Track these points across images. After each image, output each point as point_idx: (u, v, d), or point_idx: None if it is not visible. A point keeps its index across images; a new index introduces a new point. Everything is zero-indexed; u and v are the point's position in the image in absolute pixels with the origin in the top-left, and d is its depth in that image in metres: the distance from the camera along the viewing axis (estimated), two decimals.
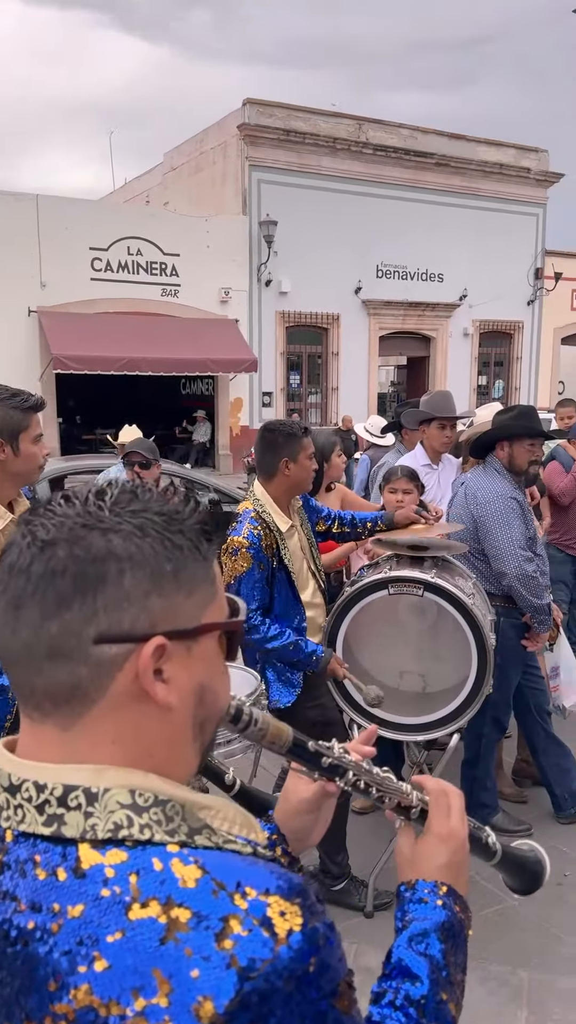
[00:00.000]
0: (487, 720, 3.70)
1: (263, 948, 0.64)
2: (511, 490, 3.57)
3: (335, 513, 3.42)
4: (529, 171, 21.81)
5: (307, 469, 3.19)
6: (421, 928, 0.92)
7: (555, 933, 3.10)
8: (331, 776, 0.99)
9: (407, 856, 1.01)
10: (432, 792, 1.04)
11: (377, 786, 1.00)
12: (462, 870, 1.01)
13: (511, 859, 1.16)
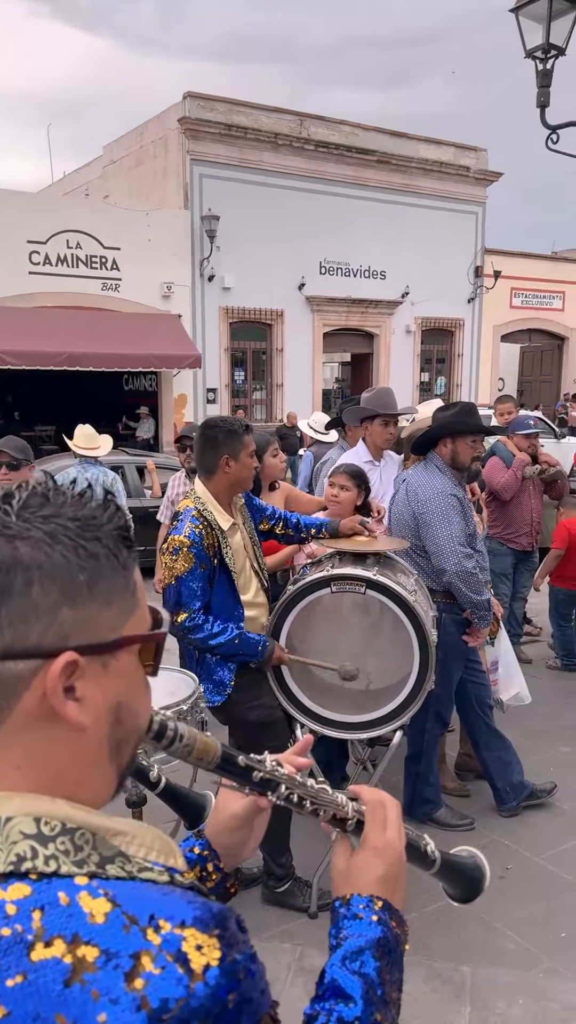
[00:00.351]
0: (430, 715, 3.71)
1: (177, 986, 0.59)
2: (451, 487, 3.58)
3: (280, 513, 3.38)
4: (468, 170, 22.05)
5: (248, 467, 3.15)
6: (356, 946, 0.89)
7: (497, 927, 3.12)
8: (263, 791, 0.95)
9: (342, 870, 0.98)
10: (368, 803, 1.00)
11: (311, 799, 0.97)
12: (399, 883, 0.98)
13: (450, 867, 1.14)
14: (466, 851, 1.18)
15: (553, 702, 5.39)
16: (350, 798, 1.01)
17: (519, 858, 3.57)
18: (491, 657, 4.26)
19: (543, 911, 3.21)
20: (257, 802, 0.99)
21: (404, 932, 0.95)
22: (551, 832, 3.77)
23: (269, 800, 0.96)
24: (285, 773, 0.96)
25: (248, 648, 2.94)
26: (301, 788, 0.96)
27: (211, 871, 1.03)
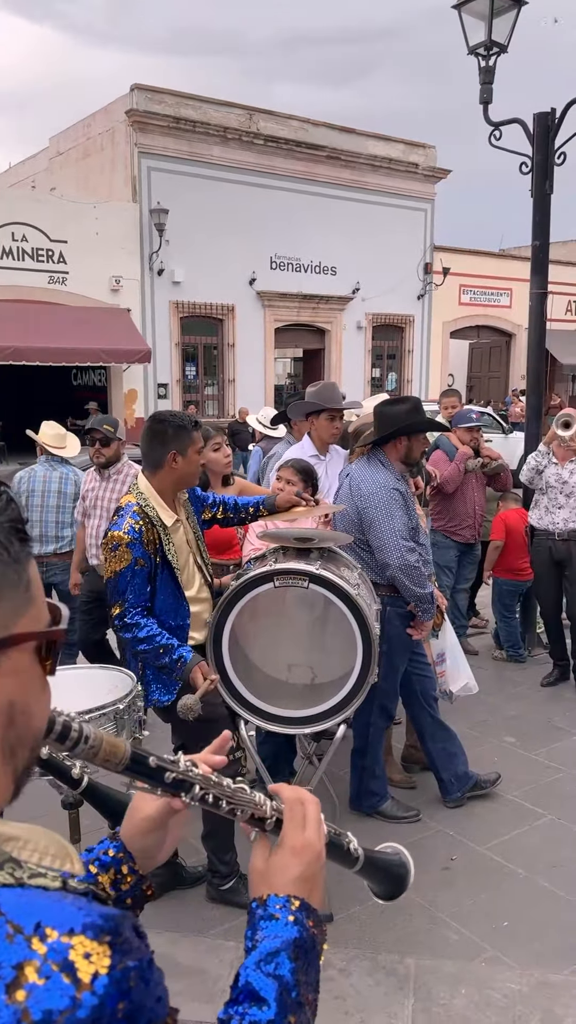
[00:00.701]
0: (375, 708, 3.72)
1: (62, 997, 0.57)
2: (394, 481, 3.59)
3: (219, 499, 3.36)
4: (417, 166, 22.20)
5: (194, 464, 3.12)
6: (271, 947, 0.87)
7: (442, 918, 3.14)
8: (176, 792, 0.92)
9: (260, 870, 0.96)
10: (288, 801, 0.98)
11: (227, 799, 0.94)
12: (317, 882, 0.96)
13: (374, 864, 1.13)
14: (391, 848, 1.17)
15: (498, 693, 5.45)
16: (270, 797, 0.99)
17: (464, 848, 3.60)
18: (437, 649, 4.29)
19: (487, 901, 3.24)
20: (171, 804, 0.96)
21: (322, 932, 0.94)
22: (496, 822, 3.81)
23: (183, 801, 0.93)
24: (199, 773, 0.93)
25: (169, 661, 2.90)
26: (216, 788, 0.94)
27: (126, 874, 1.00)
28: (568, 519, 5.37)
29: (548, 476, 5.43)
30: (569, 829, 3.74)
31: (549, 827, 3.76)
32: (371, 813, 3.83)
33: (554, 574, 5.51)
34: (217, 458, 3.82)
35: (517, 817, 3.85)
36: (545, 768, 4.36)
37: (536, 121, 5.75)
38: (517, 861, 3.49)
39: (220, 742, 1.06)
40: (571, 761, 4.42)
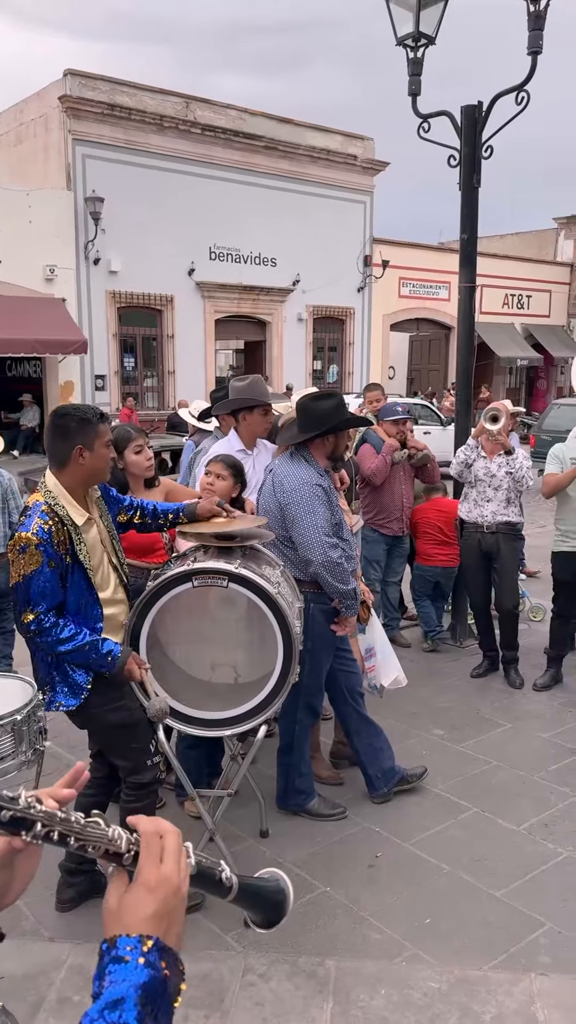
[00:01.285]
0: (300, 706, 3.69)
1: None
2: (316, 477, 3.55)
3: (136, 502, 3.27)
4: (356, 158, 22.22)
5: (104, 458, 3.03)
6: (117, 994, 0.81)
7: (365, 917, 3.12)
8: (15, 831, 0.85)
9: (112, 909, 0.89)
10: (144, 834, 0.92)
11: (75, 835, 0.88)
12: (175, 919, 0.90)
13: (249, 892, 1.07)
14: (268, 872, 1.12)
15: (428, 685, 5.48)
16: (129, 830, 0.93)
17: (389, 845, 3.59)
18: (366, 643, 4.27)
19: (410, 898, 3.23)
20: (11, 843, 0.89)
21: (179, 972, 0.88)
22: (421, 817, 3.81)
23: (23, 841, 0.86)
24: (43, 810, 0.86)
25: (98, 657, 2.82)
26: (62, 824, 0.87)
27: None
28: (496, 512, 5.41)
29: (476, 470, 5.46)
30: (493, 822, 3.76)
31: (473, 820, 3.78)
32: (297, 811, 3.80)
33: (483, 566, 5.55)
34: (138, 460, 3.73)
35: (443, 811, 3.86)
36: (472, 760, 4.38)
37: (463, 114, 5.76)
38: (441, 856, 3.49)
39: (73, 774, 0.99)
40: (497, 753, 4.46)
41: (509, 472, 5.34)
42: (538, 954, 2.89)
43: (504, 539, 5.47)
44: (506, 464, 5.37)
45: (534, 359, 27.37)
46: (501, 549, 5.47)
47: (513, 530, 5.52)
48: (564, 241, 30.04)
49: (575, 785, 4.09)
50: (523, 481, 5.34)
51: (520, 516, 5.54)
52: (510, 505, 5.43)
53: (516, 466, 5.34)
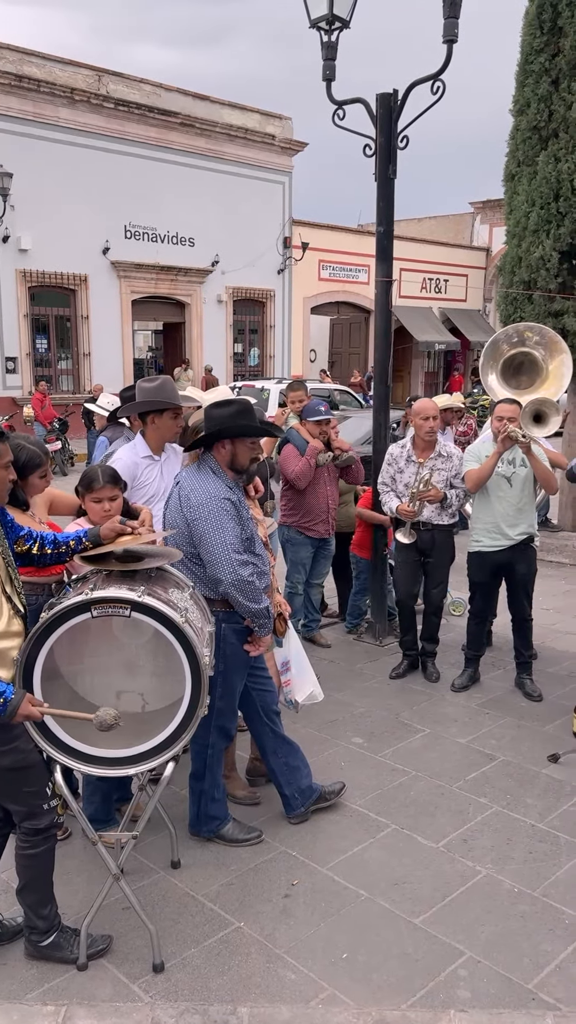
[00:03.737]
0: (212, 730, 3.53)
1: None
2: (225, 490, 3.36)
3: (36, 534, 3.01)
4: (274, 138, 21.89)
5: (3, 480, 2.78)
6: None
7: (280, 955, 2.99)
8: None
9: None
10: None
11: None
12: None
13: None
14: None
15: (349, 688, 5.39)
16: None
17: (305, 871, 3.46)
18: (281, 658, 4.12)
19: (327, 930, 3.11)
20: None
21: None
22: (339, 837, 3.70)
23: None
24: None
25: None
26: None
27: None
28: (431, 517, 5.36)
29: (408, 475, 5.39)
30: (411, 840, 3.68)
31: (392, 839, 3.69)
32: (211, 837, 3.64)
33: (415, 563, 5.50)
34: (41, 484, 3.51)
35: (361, 830, 3.76)
36: (391, 771, 4.30)
37: (379, 102, 5.59)
38: (359, 881, 3.38)
39: None
40: (416, 762, 4.39)
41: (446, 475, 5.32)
42: (457, 988, 2.81)
43: (439, 534, 5.43)
44: (442, 468, 5.33)
45: (451, 343, 27.66)
46: (437, 545, 5.43)
47: (447, 528, 5.48)
48: (480, 226, 30.37)
49: (493, 795, 4.05)
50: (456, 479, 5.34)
51: (454, 518, 5.48)
52: (444, 510, 5.37)
53: (450, 467, 5.33)
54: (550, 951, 2.98)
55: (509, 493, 5.11)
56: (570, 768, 4.30)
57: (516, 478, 5.10)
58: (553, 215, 8.26)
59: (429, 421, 5.29)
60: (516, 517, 5.13)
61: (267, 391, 15.54)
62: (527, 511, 5.18)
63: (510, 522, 5.13)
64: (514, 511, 5.13)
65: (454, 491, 5.32)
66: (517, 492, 5.12)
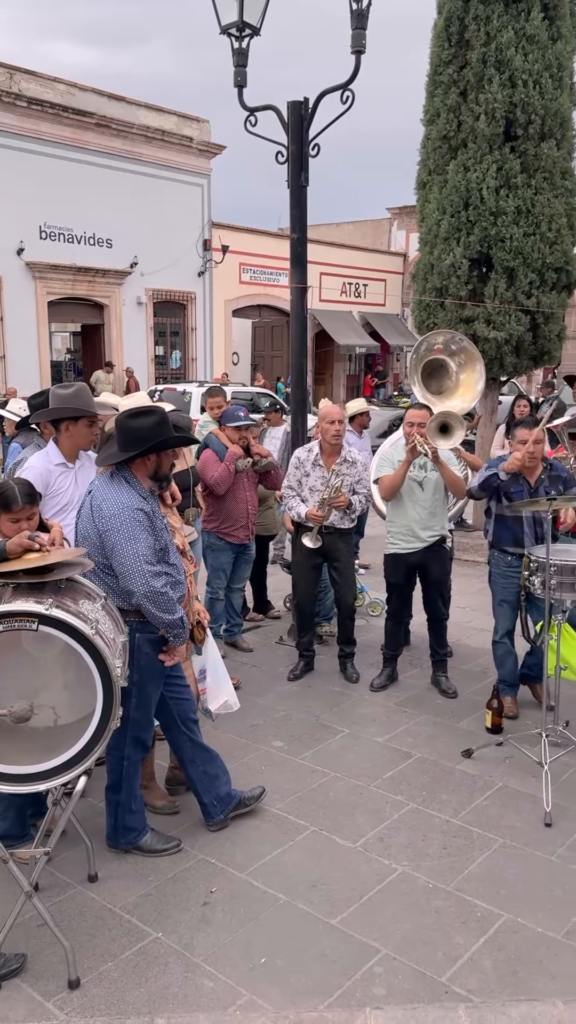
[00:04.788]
0: (128, 741, 3.50)
1: None
2: (138, 501, 3.33)
3: None
4: (191, 140, 21.79)
5: None
6: None
7: (198, 963, 2.98)
8: None
9: None
10: None
11: None
12: None
13: None
14: None
15: (270, 693, 5.41)
16: None
17: (224, 877, 3.47)
18: (198, 665, 4.11)
19: (245, 935, 3.13)
20: None
21: None
22: (258, 842, 3.72)
23: None
24: None
25: None
26: None
27: None
28: (334, 520, 5.43)
29: (314, 480, 5.45)
30: (330, 841, 3.73)
31: (310, 841, 3.73)
32: (129, 849, 3.61)
33: (316, 565, 5.57)
34: None
35: (280, 833, 3.78)
36: (311, 773, 4.34)
37: (290, 110, 5.64)
38: (277, 885, 3.41)
39: None
40: (335, 763, 4.44)
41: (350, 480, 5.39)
42: (373, 985, 2.86)
43: (340, 537, 5.50)
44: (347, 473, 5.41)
45: (371, 347, 28.04)
46: (338, 547, 5.50)
47: (349, 531, 5.56)
48: (397, 231, 30.89)
49: (409, 793, 4.13)
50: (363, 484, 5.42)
51: (354, 522, 5.58)
52: (346, 515, 5.46)
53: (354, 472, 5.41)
54: (463, 944, 3.06)
55: (421, 497, 5.23)
56: (483, 763, 4.42)
57: (428, 482, 5.23)
58: (463, 223, 8.47)
59: (335, 425, 5.38)
60: (429, 520, 5.26)
61: (189, 394, 15.46)
62: (439, 513, 5.31)
63: (423, 524, 5.25)
64: (427, 514, 5.25)
65: (356, 496, 5.42)
66: (429, 496, 5.24)
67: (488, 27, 8.08)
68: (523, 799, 4.06)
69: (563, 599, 4.34)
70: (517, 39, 8.05)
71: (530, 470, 4.78)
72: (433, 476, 5.22)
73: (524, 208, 8.30)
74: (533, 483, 4.77)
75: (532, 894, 3.35)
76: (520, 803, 4.03)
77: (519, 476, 4.77)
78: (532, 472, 4.79)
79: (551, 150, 8.29)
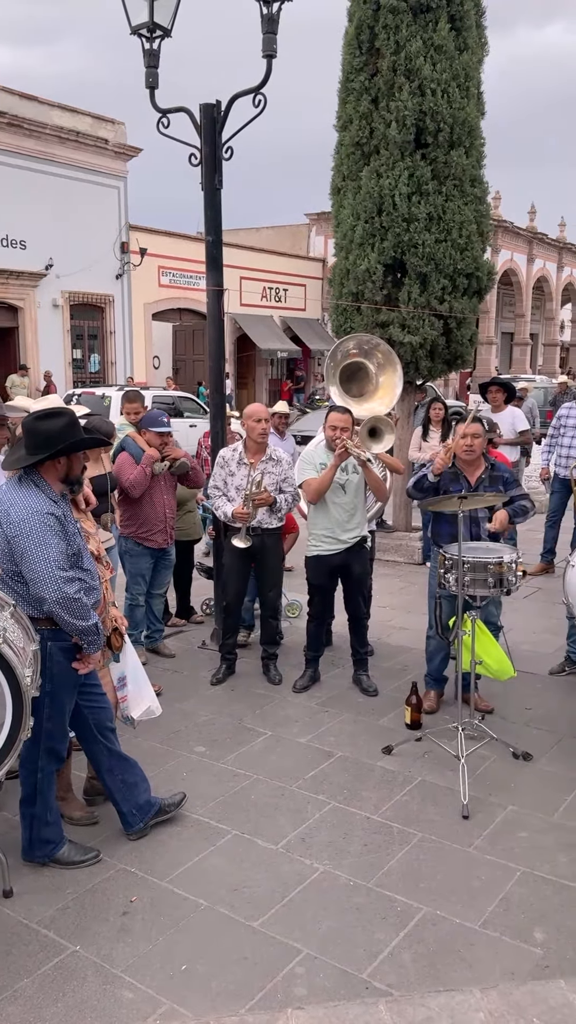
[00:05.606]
0: (41, 753, 3.42)
1: None
2: (49, 505, 3.26)
3: None
4: (107, 142, 21.55)
5: None
6: None
7: (117, 974, 2.93)
8: None
9: None
10: None
11: None
12: None
13: None
14: None
15: (192, 697, 5.38)
16: None
17: (145, 886, 3.42)
18: (117, 673, 4.05)
19: (166, 943, 3.09)
20: None
21: None
22: (179, 849, 3.68)
23: None
24: None
25: None
26: None
27: None
28: (263, 520, 5.45)
29: (239, 479, 5.45)
30: (252, 844, 3.72)
31: (232, 845, 3.71)
32: (46, 862, 3.53)
33: (245, 566, 5.58)
34: None
35: (201, 839, 3.75)
36: (233, 777, 4.33)
37: (202, 112, 5.63)
38: (199, 891, 3.38)
39: None
40: (257, 766, 4.44)
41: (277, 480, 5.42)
42: (294, 986, 2.86)
43: (269, 537, 5.52)
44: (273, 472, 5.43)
45: (293, 351, 28.20)
46: (267, 547, 5.51)
47: (275, 531, 5.57)
48: (315, 237, 31.18)
49: (330, 792, 4.16)
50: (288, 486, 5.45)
51: (282, 521, 5.60)
52: (273, 514, 5.48)
53: (279, 471, 5.43)
54: (383, 939, 3.10)
55: (344, 499, 5.28)
56: (403, 758, 4.49)
57: (350, 484, 5.28)
58: (377, 229, 8.60)
59: (261, 423, 5.40)
60: (350, 521, 5.31)
61: (108, 398, 15.25)
62: (359, 514, 5.37)
63: (344, 527, 5.30)
64: (348, 516, 5.30)
65: (283, 495, 5.45)
66: (351, 497, 5.29)
67: (397, 36, 8.24)
68: (441, 793, 4.13)
69: (476, 595, 4.45)
70: (426, 49, 8.23)
71: (471, 468, 4.83)
72: (355, 478, 5.27)
73: (435, 215, 8.48)
74: (473, 482, 4.82)
75: (450, 886, 3.41)
76: (438, 797, 4.10)
77: (459, 474, 4.82)
78: (473, 470, 4.85)
79: (460, 158, 8.50)
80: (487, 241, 9.06)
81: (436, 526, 4.94)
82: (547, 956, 3.00)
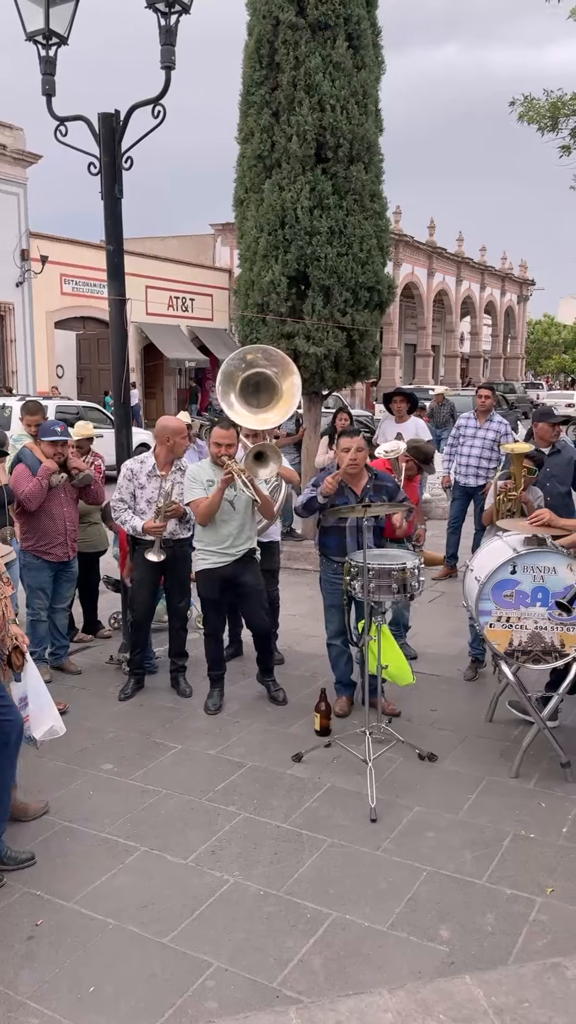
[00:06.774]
0: None
1: None
2: None
3: None
4: (5, 148, 21.06)
5: None
6: None
7: (22, 1001, 2.85)
8: None
9: None
10: None
11: None
12: None
13: None
14: None
15: (100, 715, 5.28)
16: None
17: (51, 908, 3.33)
18: (19, 692, 3.94)
19: (73, 966, 3.02)
20: None
21: None
22: (86, 868, 3.60)
23: None
24: None
25: None
26: None
27: None
28: (175, 531, 5.41)
29: (151, 490, 5.41)
30: (161, 859, 3.68)
31: (141, 862, 3.66)
32: None
33: (155, 579, 5.52)
34: None
35: (109, 857, 3.69)
36: (141, 793, 4.27)
37: (101, 122, 5.57)
38: (106, 910, 3.32)
39: None
40: (166, 780, 4.39)
41: None
42: (205, 1000, 2.85)
43: (178, 548, 5.50)
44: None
45: (201, 361, 28.13)
46: (176, 558, 5.47)
47: (185, 541, 5.53)
48: (221, 247, 31.22)
49: (241, 803, 4.15)
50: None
51: (190, 532, 5.55)
52: (183, 524, 5.44)
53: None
54: (293, 947, 3.11)
55: (233, 516, 5.25)
56: (313, 765, 4.52)
57: (239, 501, 5.22)
58: (280, 241, 8.69)
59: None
60: (239, 536, 5.28)
61: (9, 408, 14.83)
62: (248, 528, 5.35)
63: (233, 541, 5.27)
64: (237, 530, 5.27)
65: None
66: (240, 513, 5.27)
67: (297, 52, 8.36)
68: (350, 797, 4.18)
69: (381, 600, 4.53)
70: (324, 65, 8.39)
71: (355, 479, 4.95)
72: (244, 495, 5.18)
73: (337, 228, 8.63)
74: (359, 492, 4.93)
75: (359, 890, 3.45)
76: (347, 801, 4.15)
77: (345, 487, 4.92)
78: (357, 482, 4.96)
79: (360, 173, 8.68)
80: (387, 255, 9.28)
81: (323, 538, 5.05)
82: (452, 953, 3.08)
